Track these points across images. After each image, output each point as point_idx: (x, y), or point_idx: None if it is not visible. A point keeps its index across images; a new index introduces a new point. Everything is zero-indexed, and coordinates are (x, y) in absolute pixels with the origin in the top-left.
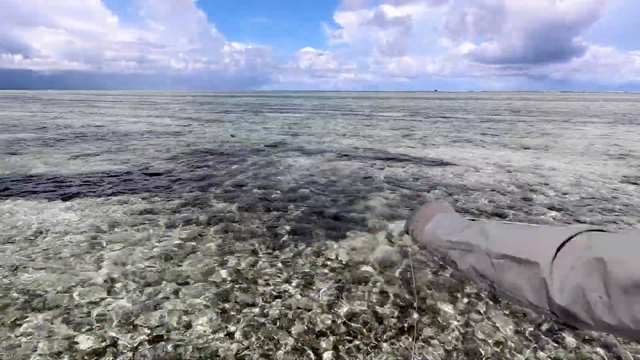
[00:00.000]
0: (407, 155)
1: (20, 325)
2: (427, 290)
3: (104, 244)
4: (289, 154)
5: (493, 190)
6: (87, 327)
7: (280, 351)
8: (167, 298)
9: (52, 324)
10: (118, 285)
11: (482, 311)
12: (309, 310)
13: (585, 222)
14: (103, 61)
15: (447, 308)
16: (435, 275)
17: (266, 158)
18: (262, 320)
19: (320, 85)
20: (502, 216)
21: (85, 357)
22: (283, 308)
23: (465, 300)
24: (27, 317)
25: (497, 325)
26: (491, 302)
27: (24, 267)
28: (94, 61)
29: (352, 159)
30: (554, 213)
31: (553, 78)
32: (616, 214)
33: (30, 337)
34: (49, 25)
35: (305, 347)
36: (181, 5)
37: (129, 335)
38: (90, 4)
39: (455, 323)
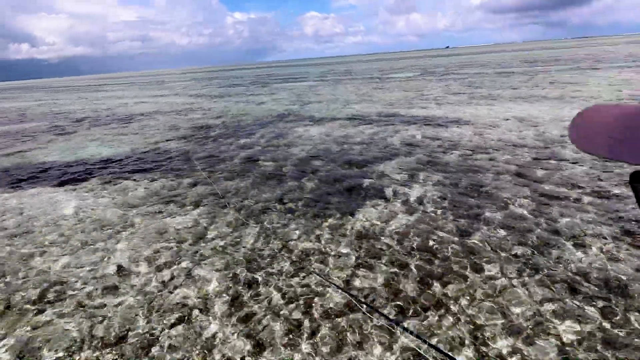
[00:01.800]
0: (421, 117)
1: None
2: None
3: (128, 222)
4: (298, 123)
5: (514, 146)
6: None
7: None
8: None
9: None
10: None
11: None
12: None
13: (617, 174)
14: (107, 43)
15: None
16: None
17: (275, 129)
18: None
19: (327, 51)
20: (530, 174)
21: None
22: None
23: None
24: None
25: None
26: None
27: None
28: (98, 44)
29: (363, 124)
30: (584, 167)
31: (573, 24)
32: None
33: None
34: (50, 11)
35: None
36: None
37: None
38: None
39: None
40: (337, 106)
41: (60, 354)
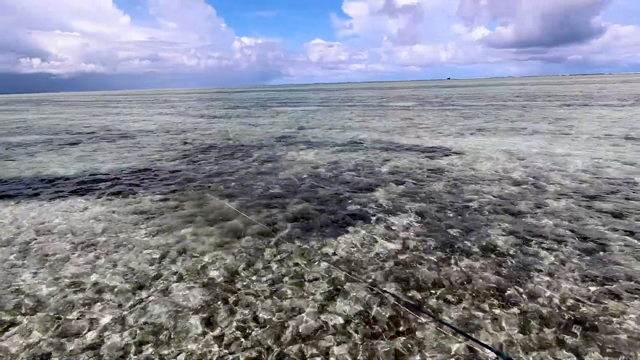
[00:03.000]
0: (414, 146)
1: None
2: None
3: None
4: (292, 147)
5: (502, 179)
6: None
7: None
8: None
9: None
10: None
11: None
12: (300, 313)
13: (599, 210)
14: (118, 61)
15: None
16: None
17: (270, 152)
18: (253, 325)
19: (332, 77)
20: (514, 207)
21: None
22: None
23: None
24: None
25: None
26: None
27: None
28: (109, 62)
29: (357, 151)
30: (564, 202)
31: (571, 61)
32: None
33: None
34: (64, 29)
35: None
36: (190, 1)
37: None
38: (102, 5)
39: None
40: (333, 132)
41: None
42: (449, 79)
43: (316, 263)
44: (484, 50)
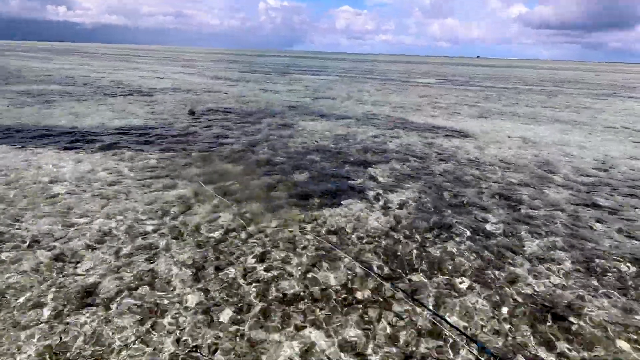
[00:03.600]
0: (427, 125)
1: None
2: None
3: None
4: (304, 117)
5: (509, 165)
6: None
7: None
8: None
9: None
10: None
11: None
12: (288, 277)
13: (597, 205)
14: (140, 15)
15: None
16: None
17: (282, 120)
18: (236, 285)
19: (356, 47)
20: (513, 194)
21: None
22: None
23: None
24: None
25: None
26: None
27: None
28: (131, 15)
29: (368, 125)
30: (562, 194)
31: (611, 48)
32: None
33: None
34: None
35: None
36: None
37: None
38: None
39: None
40: (348, 104)
41: None
42: (478, 57)
43: (306, 231)
44: (518, 30)
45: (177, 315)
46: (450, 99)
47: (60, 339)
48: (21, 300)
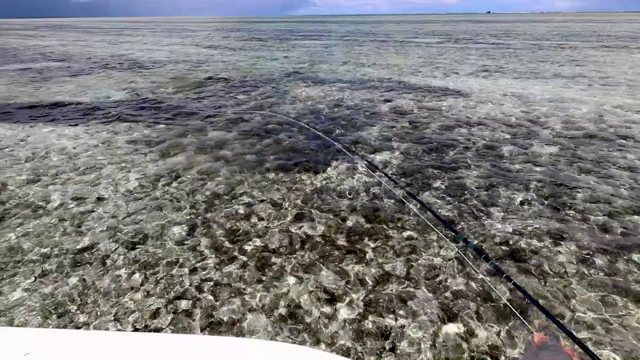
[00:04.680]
0: (422, 86)
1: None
2: None
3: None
4: (299, 83)
5: (497, 123)
6: None
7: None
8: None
9: None
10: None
11: None
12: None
13: (580, 160)
14: None
15: None
16: None
17: (276, 87)
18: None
19: (359, 9)
20: (497, 150)
21: None
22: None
23: None
24: None
25: None
26: None
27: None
28: None
29: (362, 89)
30: (551, 149)
31: None
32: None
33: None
34: None
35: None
36: None
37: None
38: None
39: None
40: (345, 68)
41: None
42: (489, 12)
43: (293, 191)
44: None
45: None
46: (451, 58)
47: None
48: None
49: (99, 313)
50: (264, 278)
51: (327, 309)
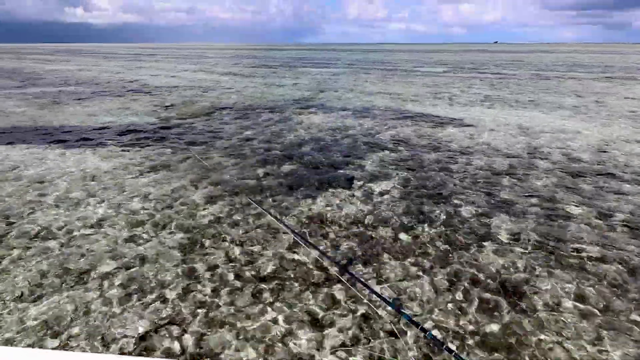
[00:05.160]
0: (425, 115)
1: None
2: None
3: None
4: (303, 111)
5: (495, 153)
6: None
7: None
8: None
9: None
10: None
11: None
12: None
13: (576, 190)
14: (154, 12)
15: None
16: None
17: (282, 114)
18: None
19: (369, 37)
20: (494, 180)
21: None
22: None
23: None
24: None
25: None
26: None
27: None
28: (145, 13)
29: (365, 117)
30: (545, 180)
31: (637, 27)
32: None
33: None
34: None
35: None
36: None
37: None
38: None
39: None
40: (350, 96)
41: None
42: (496, 42)
43: (286, 219)
44: (537, 12)
45: None
46: (455, 88)
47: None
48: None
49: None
50: None
51: None
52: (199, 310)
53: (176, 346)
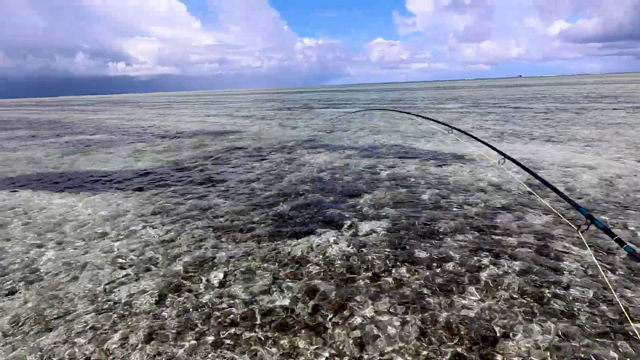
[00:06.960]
0: (429, 152)
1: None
2: None
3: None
4: (310, 150)
5: (497, 190)
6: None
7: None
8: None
9: None
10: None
11: None
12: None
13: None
14: (189, 64)
15: None
16: None
17: (287, 155)
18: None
19: (392, 77)
20: (490, 220)
21: None
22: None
23: None
24: None
25: None
26: None
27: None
28: (181, 65)
29: (369, 156)
30: (545, 218)
31: None
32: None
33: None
34: (143, 34)
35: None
36: (256, 5)
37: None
38: (177, 11)
39: None
40: (359, 135)
41: None
42: (520, 76)
43: (270, 258)
44: (561, 46)
45: None
46: (469, 124)
47: None
48: None
49: None
50: None
51: None
52: None
53: None
